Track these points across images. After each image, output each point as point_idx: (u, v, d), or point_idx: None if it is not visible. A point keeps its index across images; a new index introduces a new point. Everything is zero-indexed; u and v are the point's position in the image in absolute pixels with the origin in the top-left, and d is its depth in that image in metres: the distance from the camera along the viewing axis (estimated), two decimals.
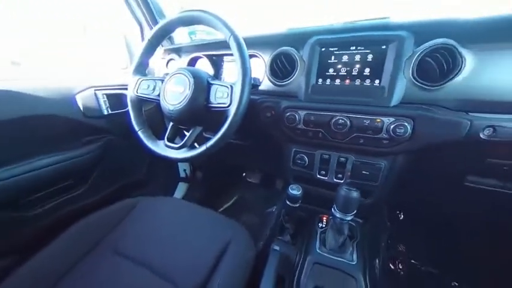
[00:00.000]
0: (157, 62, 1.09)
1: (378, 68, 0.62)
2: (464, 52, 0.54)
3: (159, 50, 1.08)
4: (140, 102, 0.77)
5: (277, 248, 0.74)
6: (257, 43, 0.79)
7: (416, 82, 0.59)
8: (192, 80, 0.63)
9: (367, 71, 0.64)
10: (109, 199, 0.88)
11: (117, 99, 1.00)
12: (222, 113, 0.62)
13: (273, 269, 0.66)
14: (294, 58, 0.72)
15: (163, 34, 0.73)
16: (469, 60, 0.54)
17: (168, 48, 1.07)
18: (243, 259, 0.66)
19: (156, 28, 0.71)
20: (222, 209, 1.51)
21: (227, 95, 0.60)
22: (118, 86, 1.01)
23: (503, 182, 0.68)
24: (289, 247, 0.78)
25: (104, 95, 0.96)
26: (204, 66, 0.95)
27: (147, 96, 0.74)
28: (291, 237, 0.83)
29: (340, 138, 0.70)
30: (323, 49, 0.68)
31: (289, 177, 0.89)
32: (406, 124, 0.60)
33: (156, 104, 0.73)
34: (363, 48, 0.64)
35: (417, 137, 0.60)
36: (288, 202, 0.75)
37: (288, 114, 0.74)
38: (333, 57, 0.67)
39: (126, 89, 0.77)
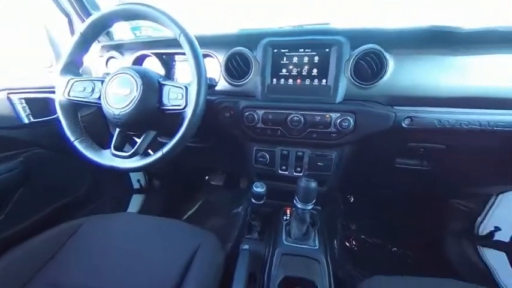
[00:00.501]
0: (95, 60, 0.95)
1: (324, 69, 0.69)
2: (388, 56, 0.65)
3: (95, 47, 0.94)
4: (74, 107, 0.66)
5: (246, 247, 0.75)
6: (210, 43, 0.77)
7: (354, 81, 0.68)
8: (139, 80, 0.57)
9: (315, 71, 0.70)
10: (43, 224, 0.73)
11: (41, 105, 0.83)
12: (177, 116, 0.58)
13: (243, 268, 0.66)
14: (248, 58, 0.74)
15: (99, 28, 0.64)
16: (391, 63, 0.65)
17: (106, 44, 0.94)
18: (212, 264, 0.64)
19: (89, 21, 0.62)
20: (186, 216, 1.43)
21: (182, 96, 0.57)
22: (41, 88, 0.83)
23: (420, 161, 0.86)
24: (257, 244, 0.80)
25: (22, 100, 0.79)
26: (153, 66, 0.87)
27: (83, 99, 0.64)
28: (259, 234, 0.85)
29: (297, 134, 0.75)
30: (275, 50, 0.72)
31: (252, 176, 0.91)
32: (349, 118, 0.68)
33: (97, 108, 0.64)
34: (310, 50, 0.70)
35: (358, 129, 0.70)
36: (253, 200, 0.76)
37: (247, 113, 0.75)
38: (284, 58, 0.72)
39: (53, 92, 0.65)
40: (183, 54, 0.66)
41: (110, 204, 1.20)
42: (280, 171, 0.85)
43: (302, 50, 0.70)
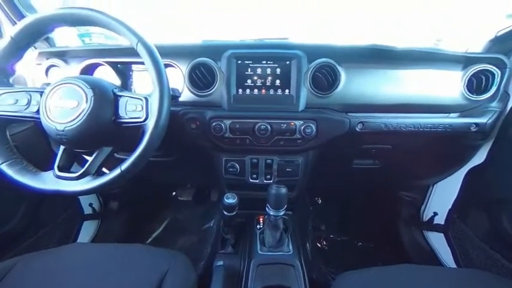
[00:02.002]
0: (31, 68, 0.82)
1: (286, 80, 0.74)
2: (340, 69, 0.73)
3: (31, 53, 0.81)
4: (1, 124, 0.55)
5: (220, 263, 0.72)
6: (171, 52, 0.75)
7: (313, 91, 0.74)
8: (89, 91, 0.51)
9: (278, 82, 0.74)
10: None
11: None
12: (137, 129, 0.54)
13: (218, 287, 0.62)
14: (213, 69, 0.73)
15: (35, 33, 0.55)
16: (343, 75, 0.74)
17: (45, 51, 0.82)
18: (184, 287, 0.59)
19: (22, 24, 0.53)
20: (151, 239, 1.30)
21: (142, 107, 0.53)
22: None
23: (373, 160, 0.97)
24: (232, 258, 0.77)
25: None
26: (107, 76, 0.79)
27: (14, 114, 0.54)
28: (233, 247, 0.82)
29: (265, 142, 0.77)
30: (239, 62, 0.74)
31: (223, 187, 0.89)
32: (312, 125, 0.74)
33: (34, 123, 0.54)
34: (272, 62, 0.74)
35: (320, 134, 0.76)
36: (225, 212, 0.74)
37: (214, 124, 0.74)
38: (249, 69, 0.74)
39: None
40: (142, 63, 0.62)
41: (52, 237, 1.01)
42: (250, 180, 0.85)
43: (265, 62, 0.73)
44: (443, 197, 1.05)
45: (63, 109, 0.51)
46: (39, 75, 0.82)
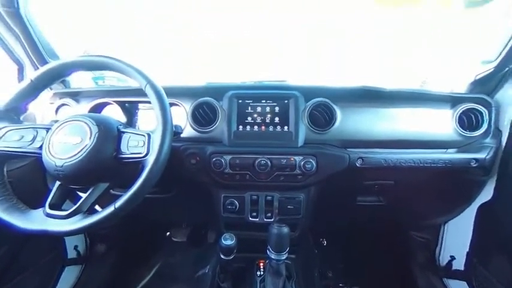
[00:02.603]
0: (42, 107, 0.86)
1: (285, 117, 0.77)
2: (335, 107, 0.77)
3: (46, 93, 0.87)
4: (1, 160, 0.55)
5: None
6: (176, 93, 0.80)
7: (311, 128, 0.77)
8: (94, 128, 0.53)
9: (277, 119, 0.78)
10: None
11: None
12: (136, 165, 0.54)
13: None
14: (215, 107, 0.78)
15: (54, 77, 0.60)
16: (339, 112, 0.77)
17: (59, 91, 0.88)
18: None
19: (44, 68, 0.59)
20: (139, 287, 1.15)
21: (143, 143, 0.54)
22: None
23: (377, 197, 0.94)
24: None
25: None
26: (114, 114, 0.83)
27: (17, 150, 0.55)
28: None
29: (265, 178, 0.76)
30: (240, 101, 0.78)
31: (221, 227, 0.84)
32: (312, 160, 0.74)
33: (34, 159, 0.54)
34: (271, 101, 0.78)
35: (320, 170, 0.75)
36: (222, 256, 0.68)
37: (214, 159, 0.74)
38: (249, 108, 0.78)
39: None
40: (148, 102, 0.66)
41: (30, 285, 0.90)
42: (250, 218, 0.81)
43: (264, 101, 0.78)
44: (457, 237, 0.98)
45: (66, 145, 0.52)
46: (49, 113, 0.86)
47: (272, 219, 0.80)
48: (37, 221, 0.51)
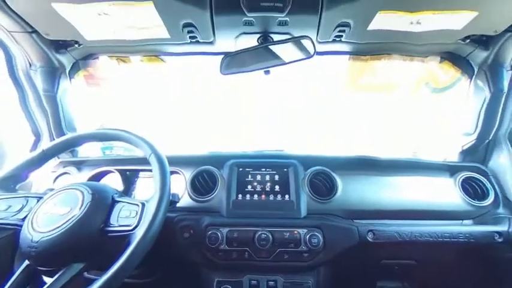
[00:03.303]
0: (41, 174, 0.86)
1: (285, 186, 0.76)
2: (335, 176, 0.77)
3: (51, 162, 0.89)
4: None
5: None
6: (178, 162, 0.83)
7: (312, 197, 0.74)
8: (88, 196, 0.51)
9: (277, 187, 0.76)
10: None
11: None
12: (122, 241, 0.48)
13: None
14: (215, 175, 0.78)
15: (66, 147, 0.64)
16: (339, 181, 0.77)
17: (65, 160, 0.91)
18: None
19: (59, 140, 0.63)
20: None
21: (136, 213, 0.50)
22: None
23: (401, 283, 0.79)
24: None
25: None
26: (113, 182, 0.82)
27: None
28: None
29: (266, 256, 0.67)
30: (240, 169, 0.79)
31: None
32: (318, 234, 0.67)
33: (10, 234, 0.49)
34: (270, 169, 0.79)
35: (329, 245, 0.67)
36: None
37: (210, 232, 0.67)
38: (249, 176, 0.78)
39: None
40: (150, 171, 0.67)
41: None
42: None
43: (264, 169, 0.79)
44: None
45: (52, 216, 0.49)
46: (47, 181, 0.85)
47: None
48: None
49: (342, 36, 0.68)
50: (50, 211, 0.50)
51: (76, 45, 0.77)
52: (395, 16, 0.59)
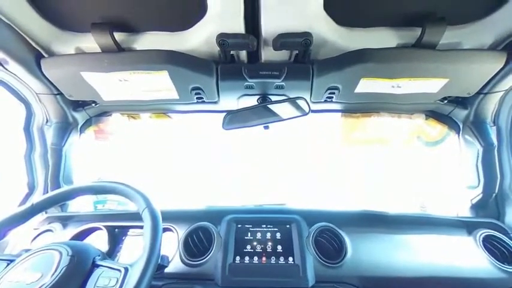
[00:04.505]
0: (20, 233, 0.79)
1: (288, 245, 0.69)
2: (342, 234, 0.70)
3: (38, 218, 0.83)
4: None
5: None
6: (173, 217, 0.77)
7: (320, 259, 0.66)
8: (66, 259, 0.45)
9: (279, 248, 0.69)
10: None
11: None
12: None
13: None
14: (211, 233, 0.71)
15: (58, 200, 0.61)
16: (348, 240, 0.70)
17: (53, 215, 0.85)
18: None
19: (52, 193, 0.60)
20: None
21: (116, 281, 0.43)
22: None
23: None
24: None
25: None
26: (98, 241, 0.74)
27: None
28: None
29: None
30: (239, 225, 0.73)
31: None
32: None
33: None
34: (271, 226, 0.73)
35: None
36: None
37: None
38: (249, 234, 0.72)
39: None
40: (140, 227, 0.61)
41: None
42: None
43: (264, 226, 0.73)
44: None
45: (17, 285, 0.42)
46: (25, 240, 0.77)
47: None
48: None
49: (332, 97, 0.76)
50: (16, 279, 0.43)
51: (93, 105, 0.85)
52: (377, 82, 0.68)
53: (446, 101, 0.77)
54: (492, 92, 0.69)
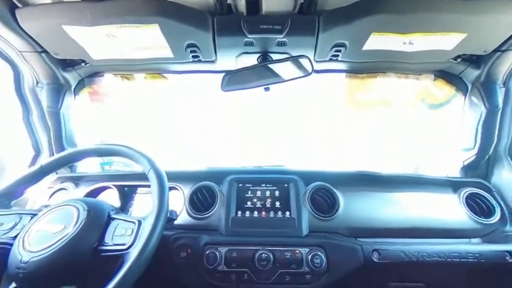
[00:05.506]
0: (37, 191, 0.85)
1: (286, 202, 0.75)
2: (336, 191, 0.76)
3: (50, 178, 0.88)
4: None
5: None
6: (177, 177, 0.81)
7: (314, 214, 0.72)
8: (83, 213, 0.50)
9: (277, 204, 0.75)
10: None
11: None
12: (115, 261, 0.46)
13: None
14: (214, 191, 0.76)
15: (65, 162, 0.63)
16: (341, 197, 0.75)
17: (64, 176, 0.90)
18: None
19: (58, 155, 0.62)
20: None
21: (131, 231, 0.49)
22: None
23: None
24: None
25: None
26: (110, 198, 0.81)
27: None
28: None
29: (266, 278, 0.64)
30: (240, 185, 0.78)
31: None
32: (320, 253, 0.64)
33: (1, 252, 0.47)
34: (271, 185, 0.78)
35: (332, 266, 0.64)
36: None
37: (208, 252, 0.65)
38: (249, 192, 0.77)
39: None
40: (148, 186, 0.66)
41: None
42: None
43: (264, 185, 0.78)
44: None
45: (44, 234, 0.47)
46: (43, 198, 0.83)
47: None
48: None
49: (338, 55, 0.71)
50: (42, 229, 0.48)
51: (83, 64, 0.80)
52: (388, 37, 0.62)
53: (459, 60, 0.72)
54: (510, 49, 0.64)
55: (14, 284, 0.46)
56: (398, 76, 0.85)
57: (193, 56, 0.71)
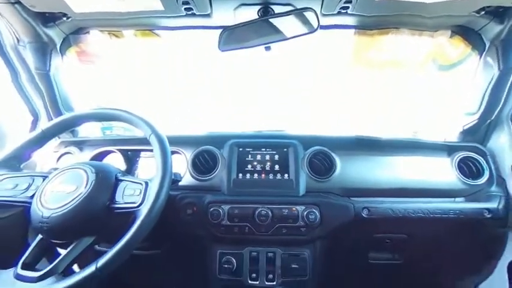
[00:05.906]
0: (44, 154, 0.87)
1: (285, 165, 0.77)
2: (334, 155, 0.78)
3: (52, 142, 0.90)
4: None
5: None
6: (179, 142, 0.83)
7: (311, 176, 0.76)
8: (92, 175, 0.53)
9: (277, 167, 0.78)
10: None
11: None
12: (128, 217, 0.50)
13: None
14: (216, 155, 0.79)
15: (65, 127, 0.64)
16: (338, 161, 0.78)
17: (66, 140, 0.91)
18: None
19: (57, 120, 0.62)
20: None
21: (140, 192, 0.52)
22: None
23: (391, 254, 0.84)
24: None
25: None
26: (115, 162, 0.84)
27: (7, 199, 0.53)
28: None
29: (265, 231, 0.71)
30: (240, 149, 0.80)
31: None
32: (315, 211, 0.70)
33: (20, 211, 0.52)
34: (270, 149, 0.80)
35: (325, 221, 0.70)
36: None
37: (212, 209, 0.70)
38: (249, 156, 0.79)
39: None
40: (150, 151, 0.67)
41: None
42: (249, 281, 0.70)
43: (264, 149, 0.80)
44: None
45: (59, 193, 0.51)
46: (51, 161, 0.86)
47: (274, 283, 0.70)
48: (3, 284, 0.44)
49: (348, 7, 0.63)
50: (56, 189, 0.52)
51: (64, 18, 0.72)
52: None
53: (483, 12, 0.65)
54: None
55: (40, 236, 0.51)
56: (411, 33, 0.78)
57: (186, 9, 0.64)
